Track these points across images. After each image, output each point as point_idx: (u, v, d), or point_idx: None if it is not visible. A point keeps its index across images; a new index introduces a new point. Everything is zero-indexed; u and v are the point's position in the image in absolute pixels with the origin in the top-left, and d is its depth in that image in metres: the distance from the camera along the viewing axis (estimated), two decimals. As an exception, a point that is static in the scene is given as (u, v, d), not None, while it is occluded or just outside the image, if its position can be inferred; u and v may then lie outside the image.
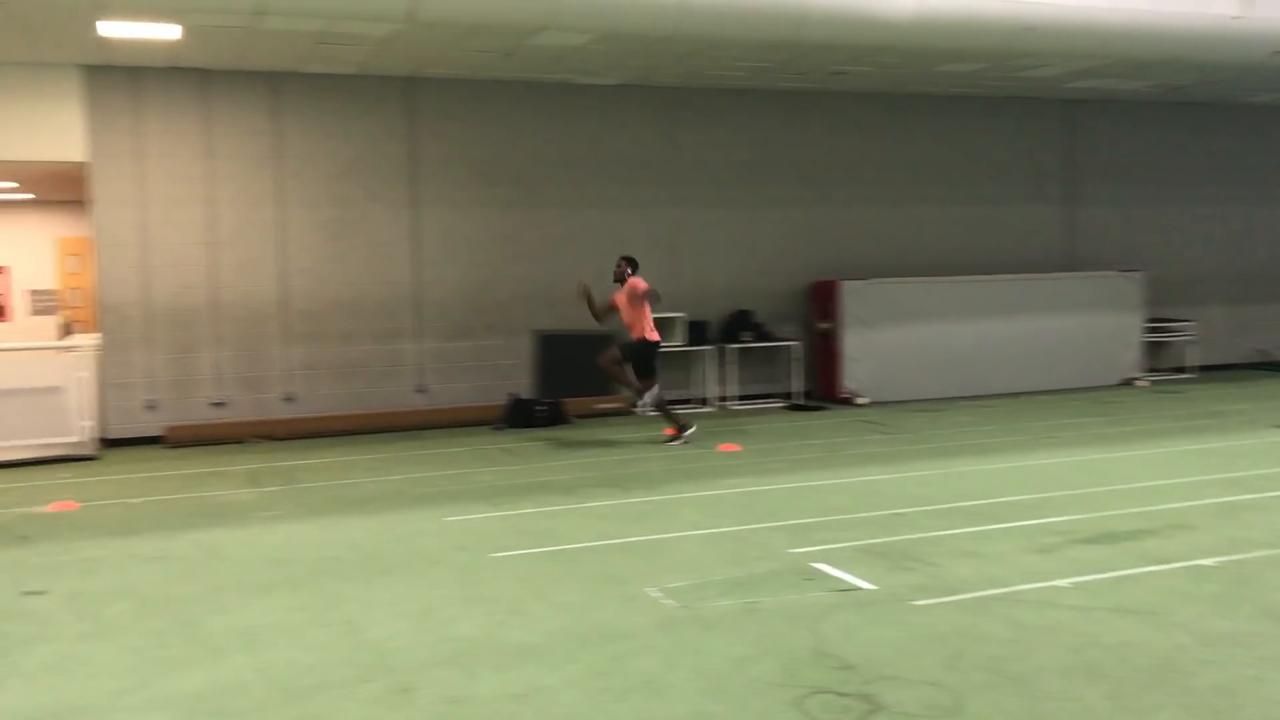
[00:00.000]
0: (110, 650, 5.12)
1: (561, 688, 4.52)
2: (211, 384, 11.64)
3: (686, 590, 5.81)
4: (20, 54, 10.51)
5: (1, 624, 5.54)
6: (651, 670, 4.69)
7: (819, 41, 10.50)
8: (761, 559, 6.42)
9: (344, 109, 12.00)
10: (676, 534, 7.09)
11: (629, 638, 5.10)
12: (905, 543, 6.71)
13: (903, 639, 5.00)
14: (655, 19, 9.69)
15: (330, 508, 8.18)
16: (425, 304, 12.37)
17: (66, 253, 18.42)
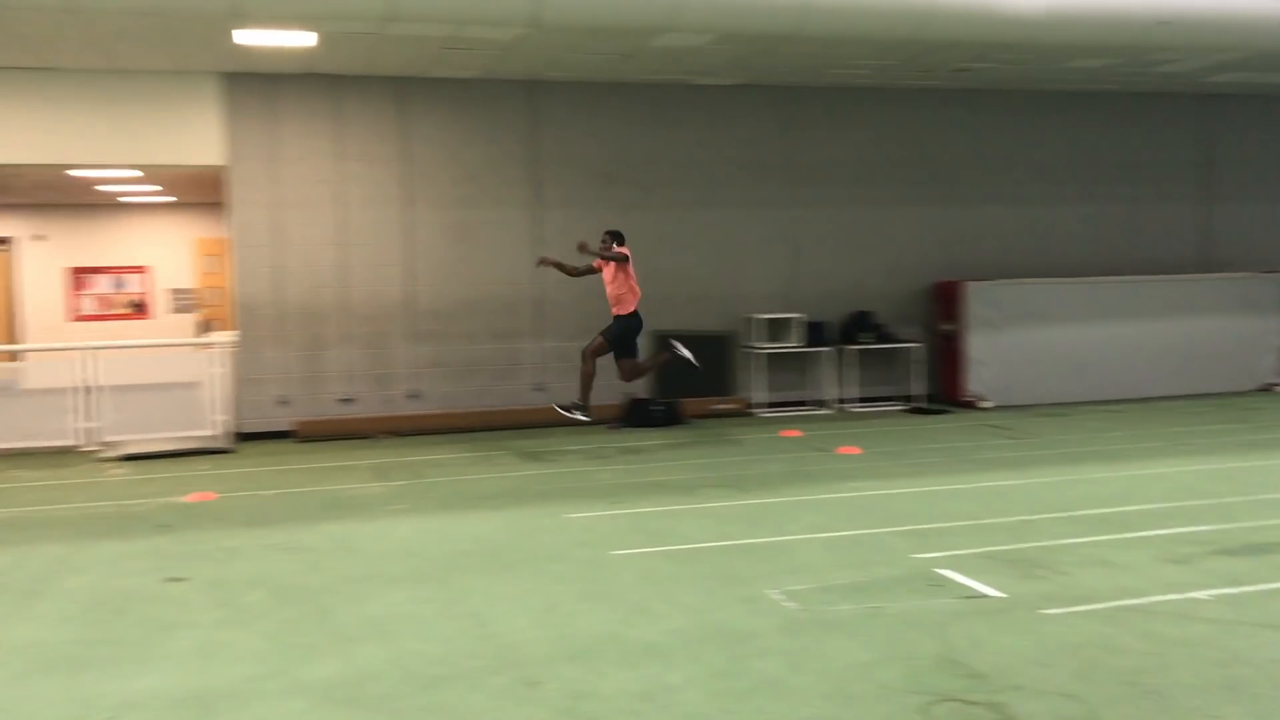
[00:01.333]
0: (248, 637, 5.32)
1: (685, 686, 4.53)
2: (340, 381, 11.98)
3: (808, 593, 5.77)
4: (163, 63, 10.98)
5: (147, 608, 5.80)
6: (774, 672, 4.67)
7: (943, 39, 10.32)
8: (884, 564, 6.34)
9: (468, 113, 12.23)
10: (796, 536, 7.05)
11: (751, 639, 5.09)
12: (1033, 550, 6.56)
13: (1033, 648, 4.89)
14: (776, 18, 9.64)
15: (454, 503, 8.35)
16: (545, 304, 12.52)
17: (204, 253, 19.19)
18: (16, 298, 18.38)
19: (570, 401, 10.70)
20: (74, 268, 18.65)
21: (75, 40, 9.83)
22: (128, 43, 10.03)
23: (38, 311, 18.37)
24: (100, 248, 18.83)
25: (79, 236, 18.66)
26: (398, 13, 8.92)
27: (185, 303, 19.24)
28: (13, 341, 17.85)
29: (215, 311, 18.66)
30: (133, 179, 14.54)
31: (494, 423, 12.07)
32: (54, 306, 18.54)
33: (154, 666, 4.93)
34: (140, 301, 19.08)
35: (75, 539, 7.36)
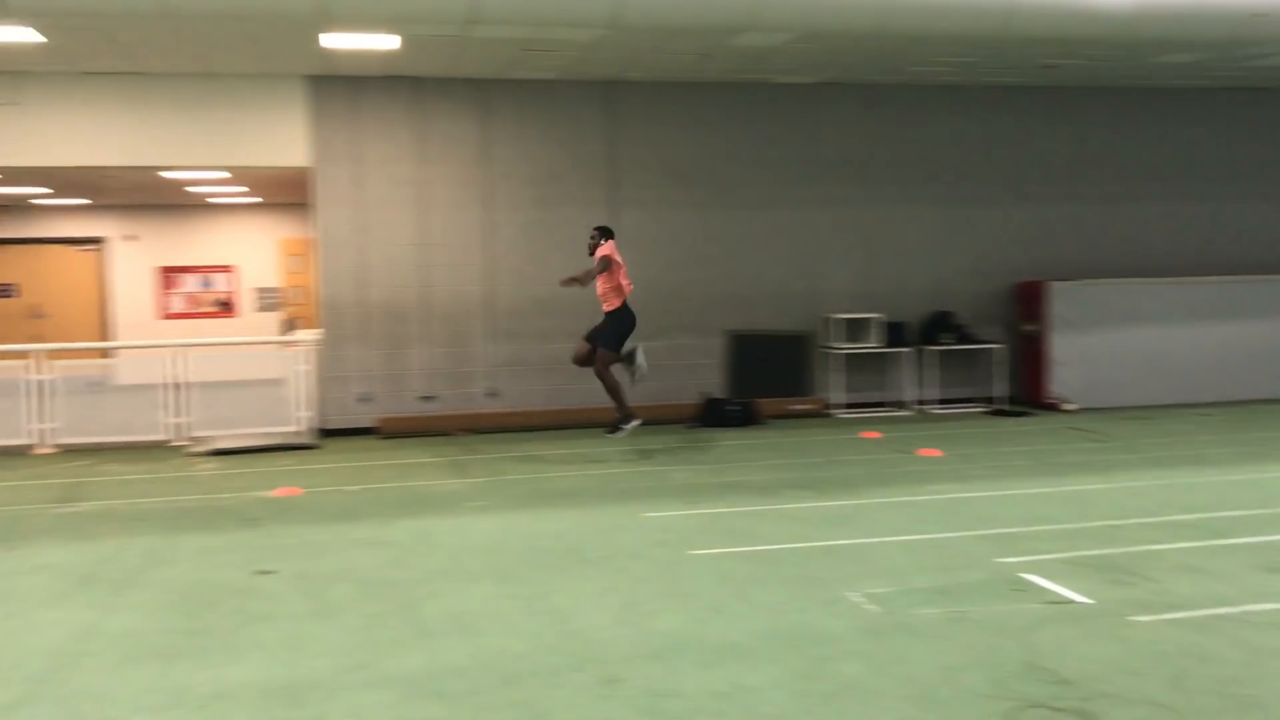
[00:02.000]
0: (334, 629, 5.43)
1: (766, 687, 4.53)
2: (421, 379, 12.15)
3: (889, 596, 5.72)
4: (250, 67, 11.23)
5: (237, 600, 5.94)
6: (857, 675, 4.64)
7: (1029, 35, 10.13)
8: (967, 567, 6.26)
9: (547, 114, 12.32)
10: (877, 539, 6.99)
11: (832, 641, 5.07)
12: (1121, 556, 6.42)
13: (1122, 656, 4.79)
14: (858, 16, 9.56)
15: (533, 500, 8.43)
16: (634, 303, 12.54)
17: (288, 253, 19.58)
18: (109, 296, 18.93)
19: (614, 422, 10.26)
20: (163, 267, 19.15)
21: (168, 45, 10.10)
22: (218, 47, 10.28)
23: (129, 310, 18.90)
24: (188, 247, 19.32)
25: (168, 236, 19.16)
26: (480, 15, 9.02)
27: (270, 301, 19.66)
28: (105, 339, 18.40)
29: (299, 310, 19.04)
30: (221, 180, 14.89)
31: (573, 421, 12.14)
32: (144, 305, 19.06)
33: (244, 657, 5.05)
34: (227, 300, 19.54)
35: (167, 532, 7.56)
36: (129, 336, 18.38)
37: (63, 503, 8.65)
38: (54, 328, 18.16)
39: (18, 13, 8.48)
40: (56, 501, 8.70)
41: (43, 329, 18.02)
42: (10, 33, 9.22)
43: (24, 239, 18.76)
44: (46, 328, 18.14)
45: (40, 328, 18.13)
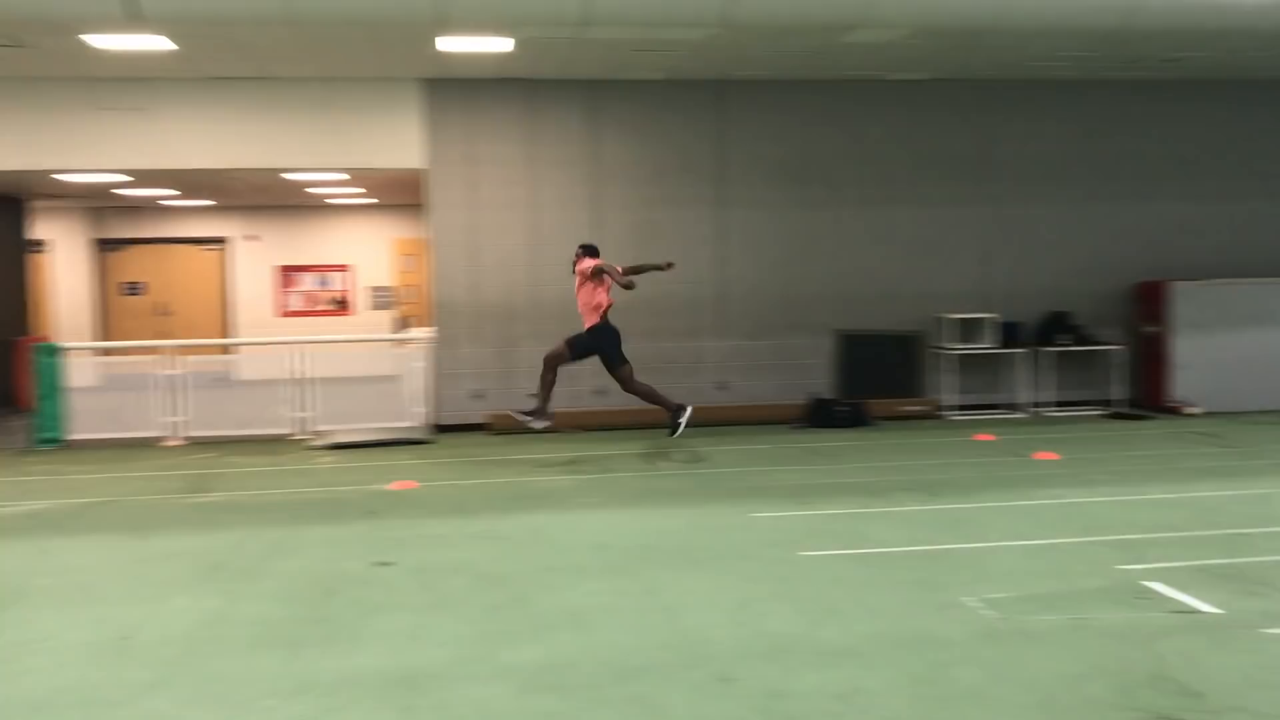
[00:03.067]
0: (452, 621, 5.54)
1: (882, 691, 4.49)
2: (531, 376, 12.25)
3: (1007, 602, 5.61)
4: (368, 70, 11.51)
5: (358, 591, 6.11)
6: (975, 681, 4.57)
7: (1154, 28, 9.83)
8: (1087, 574, 6.11)
9: (655, 113, 12.37)
10: (992, 543, 6.86)
11: (949, 646, 5.00)
12: (1252, 565, 6.20)
13: (1255, 668, 4.63)
14: (974, 10, 9.39)
15: (642, 498, 8.47)
16: (728, 302, 12.55)
17: (401, 252, 20.02)
18: (230, 294, 19.59)
19: (670, 421, 10.07)
20: (282, 266, 19.75)
21: (291, 50, 10.41)
22: (338, 51, 10.56)
23: (249, 307, 19.54)
24: (306, 247, 19.89)
25: (287, 236, 19.76)
26: (593, 17, 9.10)
27: (383, 300, 20.12)
28: (225, 335, 19.06)
29: (411, 308, 19.46)
30: (339, 182, 15.28)
31: (678, 420, 12.16)
32: (264, 303, 19.69)
33: (366, 646, 5.19)
34: (342, 298, 20.06)
35: (290, 523, 7.81)
36: (249, 333, 18.98)
37: (192, 493, 8.99)
38: (179, 324, 18.87)
39: (152, 22, 8.83)
40: (186, 492, 9.04)
41: (168, 325, 18.74)
42: (144, 41, 9.61)
43: (152, 239, 19.55)
44: (172, 324, 18.85)
45: (166, 324, 18.86)
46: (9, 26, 9.01)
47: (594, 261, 10.06)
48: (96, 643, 5.28)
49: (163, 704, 4.52)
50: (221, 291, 19.67)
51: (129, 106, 11.45)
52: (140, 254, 19.57)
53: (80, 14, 8.66)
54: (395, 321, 19.50)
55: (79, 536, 7.54)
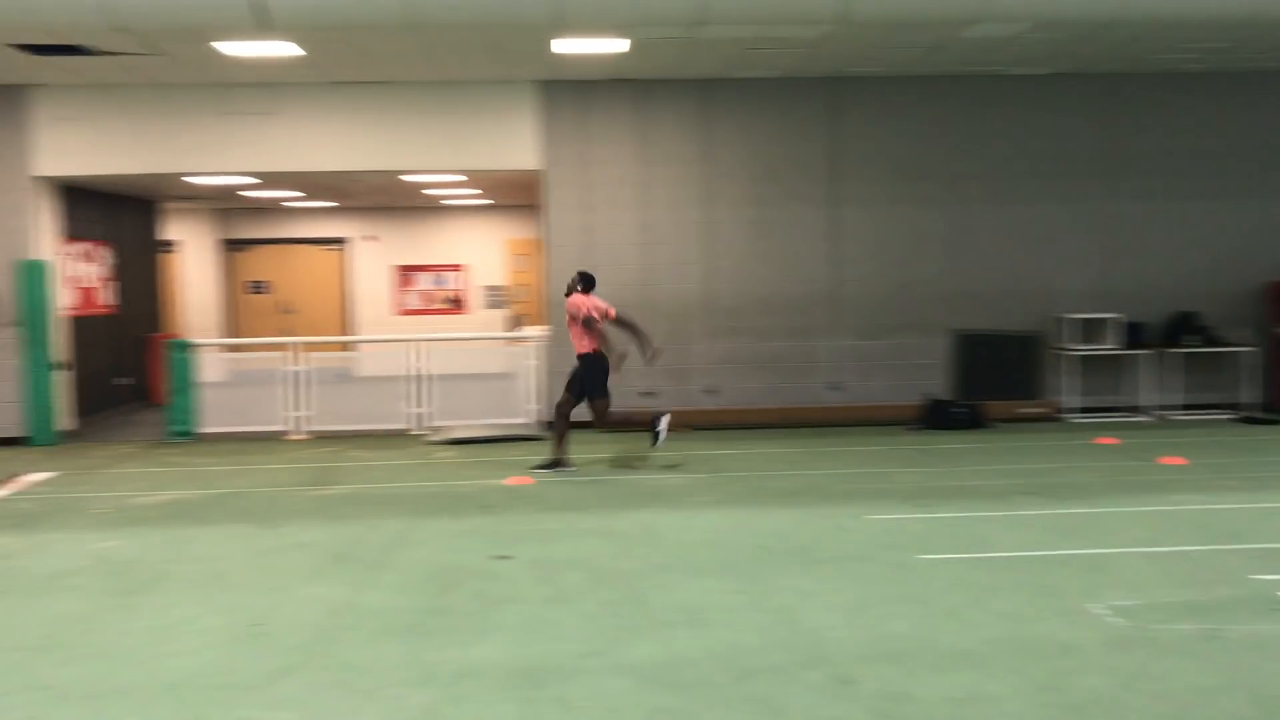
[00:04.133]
0: (570, 615, 5.61)
1: (1006, 696, 4.41)
2: (641, 375, 12.34)
3: (1136, 610, 5.45)
4: (485, 73, 11.71)
5: (478, 583, 6.22)
6: (1103, 690, 4.46)
7: (1292, 15, 9.44)
8: (1220, 583, 5.90)
9: (768, 111, 12.32)
10: (1119, 549, 6.68)
11: (1074, 653, 4.88)
12: (1400, 579, 5.92)
13: (1406, 687, 4.42)
14: (1099, 3, 9.13)
15: (755, 498, 8.45)
16: (842, 301, 12.43)
17: (514, 252, 20.31)
18: (350, 293, 20.12)
19: (651, 433, 9.83)
20: (399, 266, 20.20)
21: (411, 55, 10.65)
22: (456, 55, 10.76)
23: (368, 306, 20.05)
24: (422, 247, 20.33)
25: (404, 237, 20.21)
26: (708, 16, 9.10)
27: (497, 299, 20.43)
28: (344, 333, 19.58)
29: (524, 307, 19.72)
30: (456, 183, 15.57)
31: (789, 420, 12.12)
32: (382, 301, 20.17)
33: (487, 638, 5.28)
34: (457, 297, 20.44)
35: (411, 515, 7.99)
36: (368, 331, 19.49)
37: (316, 486, 9.27)
38: (300, 322, 19.45)
39: (281, 28, 9.12)
40: (311, 485, 9.33)
41: (291, 323, 19.32)
42: (272, 47, 9.93)
43: (276, 239, 20.20)
44: (295, 322, 19.44)
45: (289, 322, 19.45)
46: (148, 35, 9.41)
47: (587, 306, 9.64)
48: (231, 628, 5.49)
49: (294, 689, 4.67)
50: (342, 290, 20.22)
51: (256, 111, 11.85)
52: (265, 254, 20.24)
53: (213, 21, 8.99)
54: (508, 320, 19.78)
55: (212, 526, 7.84)
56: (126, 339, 14.56)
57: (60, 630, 5.50)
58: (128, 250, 14.70)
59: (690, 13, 9.08)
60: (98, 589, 6.22)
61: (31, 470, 10.16)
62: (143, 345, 14.95)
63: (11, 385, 11.75)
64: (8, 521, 8.04)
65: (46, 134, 11.72)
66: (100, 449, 11.48)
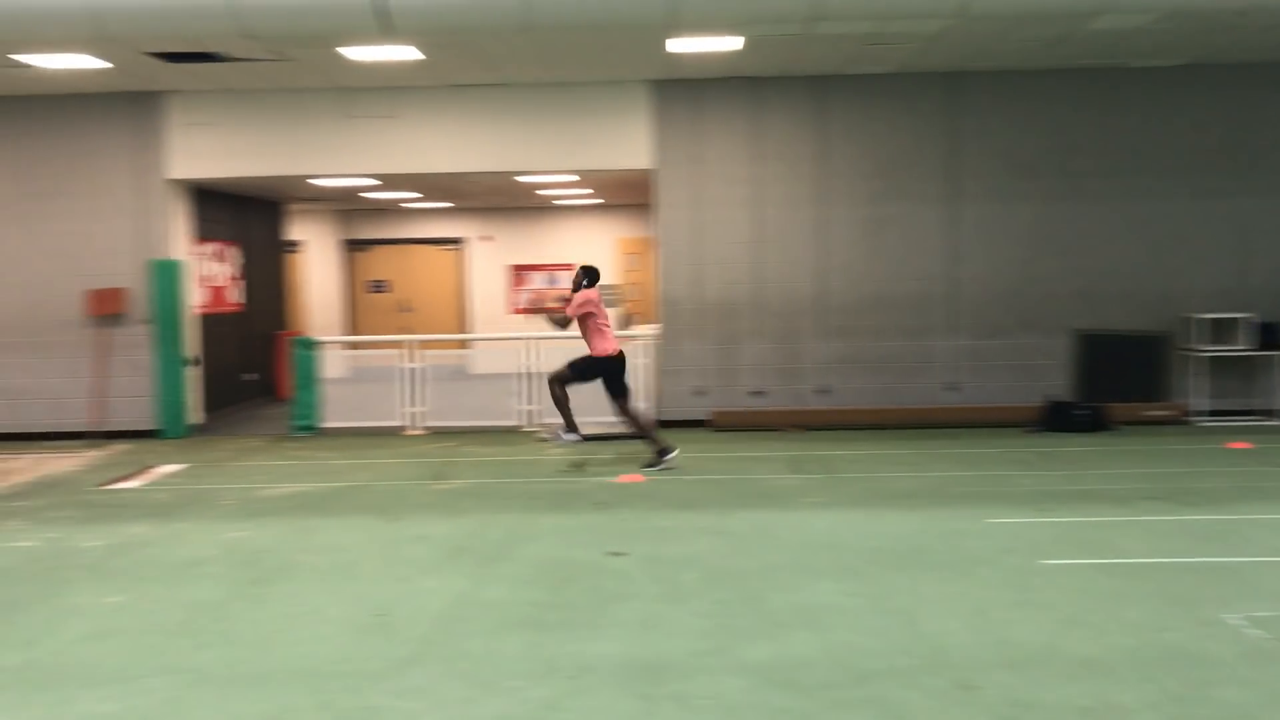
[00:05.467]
0: (685, 614, 5.62)
1: (1137, 708, 4.28)
2: (753, 374, 12.33)
3: (1275, 621, 5.24)
4: (599, 74, 11.79)
5: (593, 579, 6.28)
6: (1242, 703, 4.30)
7: None
8: (1367, 596, 5.64)
9: (885, 108, 12.16)
10: (1255, 558, 6.43)
11: (1211, 664, 4.71)
12: None
13: None
14: (1235, -10, 8.80)
15: (871, 499, 8.35)
16: (959, 300, 12.20)
17: (625, 251, 20.42)
18: (466, 292, 20.48)
19: (557, 428, 9.96)
20: (514, 265, 20.48)
21: (527, 57, 10.79)
22: (571, 56, 10.87)
23: (483, 305, 20.38)
24: (535, 247, 20.57)
25: (518, 236, 20.49)
26: (824, 12, 9.01)
27: (608, 298, 20.55)
28: (461, 331, 19.92)
29: (635, 306, 19.81)
30: (569, 183, 15.72)
31: (904, 421, 11.94)
32: (497, 300, 20.48)
33: (604, 633, 5.33)
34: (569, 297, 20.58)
35: (525, 511, 8.11)
36: (483, 329, 19.81)
37: (434, 480, 9.47)
38: (419, 320, 19.86)
39: (402, 33, 9.31)
40: (429, 479, 9.53)
41: (409, 321, 19.75)
42: (394, 52, 10.16)
43: (395, 239, 20.66)
44: (412, 320, 19.86)
45: (407, 320, 19.88)
46: (276, 41, 9.71)
47: (581, 300, 9.72)
48: (356, 618, 5.64)
49: (419, 679, 4.78)
50: (458, 289, 20.59)
51: (378, 115, 12.14)
52: (384, 254, 20.72)
53: (338, 27, 9.21)
54: (619, 319, 19.89)
55: (336, 517, 8.06)
56: (253, 336, 15.06)
57: (195, 616, 5.73)
58: (255, 250, 15.20)
59: (806, 9, 9.01)
60: (229, 577, 6.45)
61: (164, 462, 10.59)
62: (268, 342, 15.44)
63: (145, 380, 12.25)
64: (144, 511, 8.40)
65: (179, 138, 12.19)
66: (228, 442, 11.90)
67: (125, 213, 12.22)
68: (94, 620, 5.69)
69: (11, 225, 12.24)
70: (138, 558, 6.97)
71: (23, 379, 12.26)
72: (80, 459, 10.88)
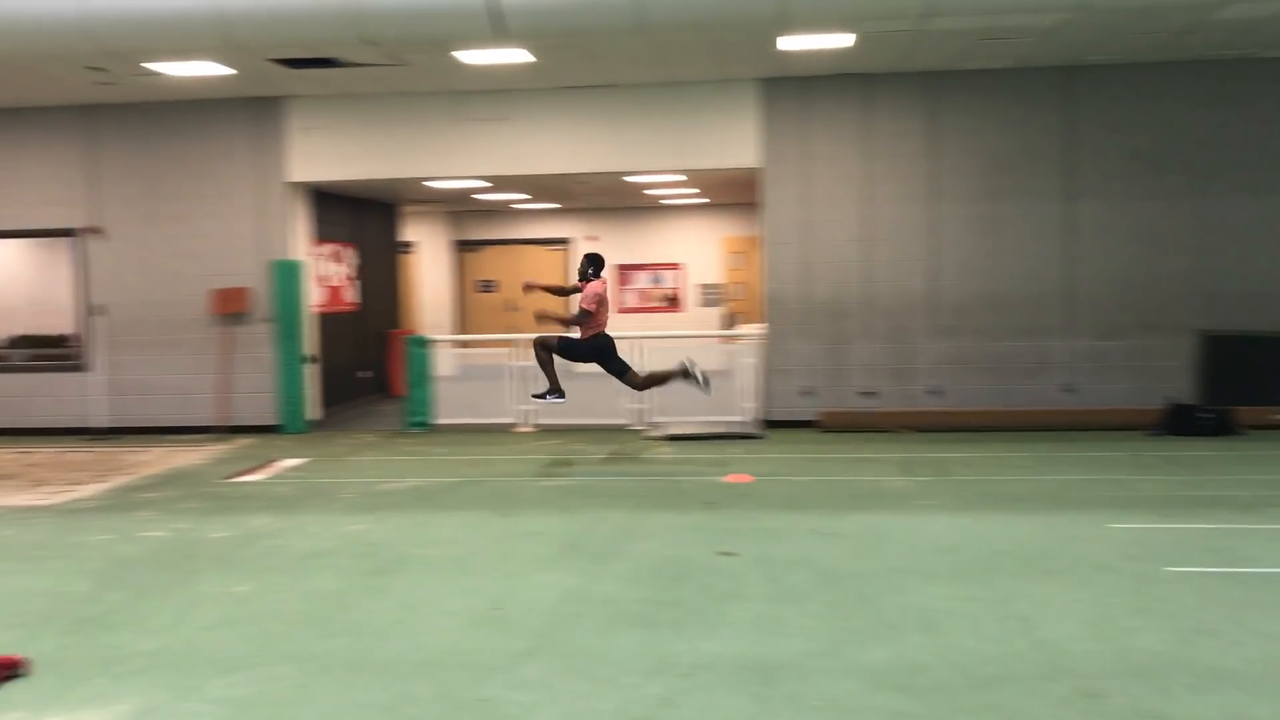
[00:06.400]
0: (797, 615, 5.59)
1: (1273, 722, 4.13)
2: (861, 374, 12.20)
3: None
4: (707, 73, 11.79)
5: (703, 578, 6.29)
6: (1387, 721, 4.12)
7: None
8: None
9: (998, 104, 11.91)
10: (1397, 570, 6.14)
11: (1351, 680, 4.53)
12: None
13: None
14: (1377, -25, 8.42)
15: (985, 502, 8.20)
16: (1076, 299, 11.89)
17: (730, 250, 20.39)
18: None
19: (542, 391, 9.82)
20: (619, 265, 20.61)
21: (636, 57, 10.85)
22: (680, 56, 10.89)
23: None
24: (641, 246, 20.67)
25: (624, 236, 20.61)
26: (938, 7, 8.89)
27: (712, 297, 20.56)
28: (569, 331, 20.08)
29: (739, 305, 19.76)
30: (676, 183, 15.76)
31: (1018, 423, 11.68)
32: (601, 299, 20.60)
33: (717, 632, 5.34)
34: (674, 296, 20.68)
35: (635, 508, 8.15)
36: (588, 328, 19.95)
37: (544, 476, 9.59)
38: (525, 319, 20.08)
39: (517, 36, 9.46)
40: (539, 475, 9.65)
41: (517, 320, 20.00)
42: (507, 55, 10.31)
43: (503, 240, 20.97)
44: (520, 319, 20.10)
45: (515, 319, 20.14)
46: (393, 46, 9.93)
47: (593, 295, 9.69)
48: (472, 611, 5.74)
49: (535, 673, 4.85)
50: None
51: (490, 117, 12.33)
52: (493, 254, 21.04)
53: (453, 31, 9.41)
54: (723, 318, 19.87)
55: (451, 512, 8.22)
56: (367, 335, 15.43)
57: (319, 606, 5.90)
58: (370, 251, 15.57)
59: (920, 5, 8.90)
60: (350, 569, 6.63)
61: (285, 456, 10.92)
62: (382, 341, 15.81)
63: (266, 377, 12.65)
64: (268, 503, 8.68)
65: (298, 142, 12.56)
66: (345, 437, 12.22)
67: (248, 215, 12.63)
68: (223, 608, 5.90)
69: (142, 227, 12.75)
70: (262, 548, 7.20)
71: (153, 375, 12.77)
72: (206, 452, 11.29)
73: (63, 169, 12.80)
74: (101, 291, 12.81)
